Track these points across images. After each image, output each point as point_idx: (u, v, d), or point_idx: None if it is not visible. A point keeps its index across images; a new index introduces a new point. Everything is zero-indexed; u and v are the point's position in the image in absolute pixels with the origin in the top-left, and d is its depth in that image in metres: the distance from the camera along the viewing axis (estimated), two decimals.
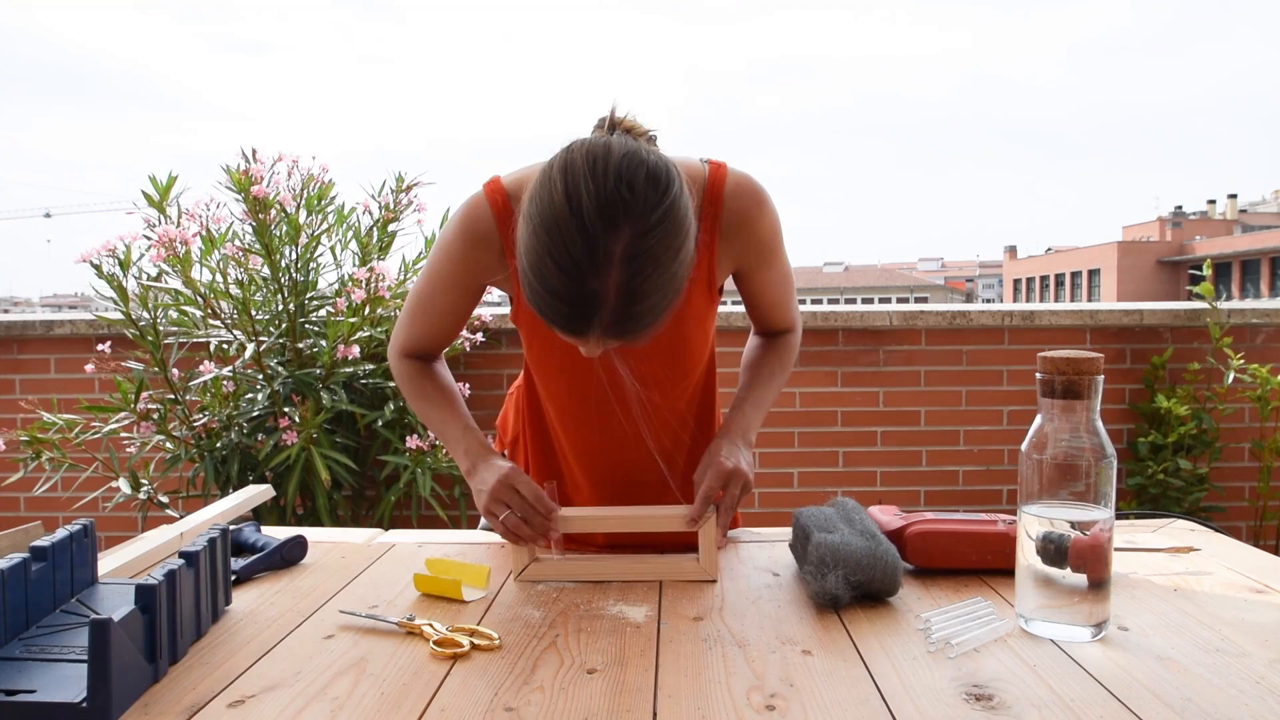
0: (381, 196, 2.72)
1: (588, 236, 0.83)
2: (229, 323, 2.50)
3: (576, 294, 0.85)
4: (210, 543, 0.90)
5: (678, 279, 0.88)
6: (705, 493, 1.03)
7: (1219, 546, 1.13)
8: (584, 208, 0.83)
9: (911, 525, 1.03)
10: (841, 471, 2.98)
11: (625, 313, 0.86)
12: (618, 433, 1.17)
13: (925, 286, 50.12)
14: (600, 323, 0.86)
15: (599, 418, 1.16)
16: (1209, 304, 2.89)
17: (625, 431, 1.16)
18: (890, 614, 0.91)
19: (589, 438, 1.20)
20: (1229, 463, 2.96)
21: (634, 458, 1.19)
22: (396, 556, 1.15)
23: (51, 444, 2.46)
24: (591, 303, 0.85)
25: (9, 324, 2.95)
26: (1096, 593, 0.83)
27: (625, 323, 0.87)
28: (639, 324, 0.88)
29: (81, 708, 0.68)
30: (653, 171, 0.86)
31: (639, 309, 0.86)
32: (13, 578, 0.80)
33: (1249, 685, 0.74)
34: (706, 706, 0.72)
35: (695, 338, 1.15)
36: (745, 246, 1.10)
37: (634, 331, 0.88)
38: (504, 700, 0.73)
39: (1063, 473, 0.83)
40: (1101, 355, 0.83)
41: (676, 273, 0.88)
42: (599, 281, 0.84)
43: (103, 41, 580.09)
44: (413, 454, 2.51)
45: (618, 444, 1.18)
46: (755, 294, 1.19)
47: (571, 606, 0.95)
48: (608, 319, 0.86)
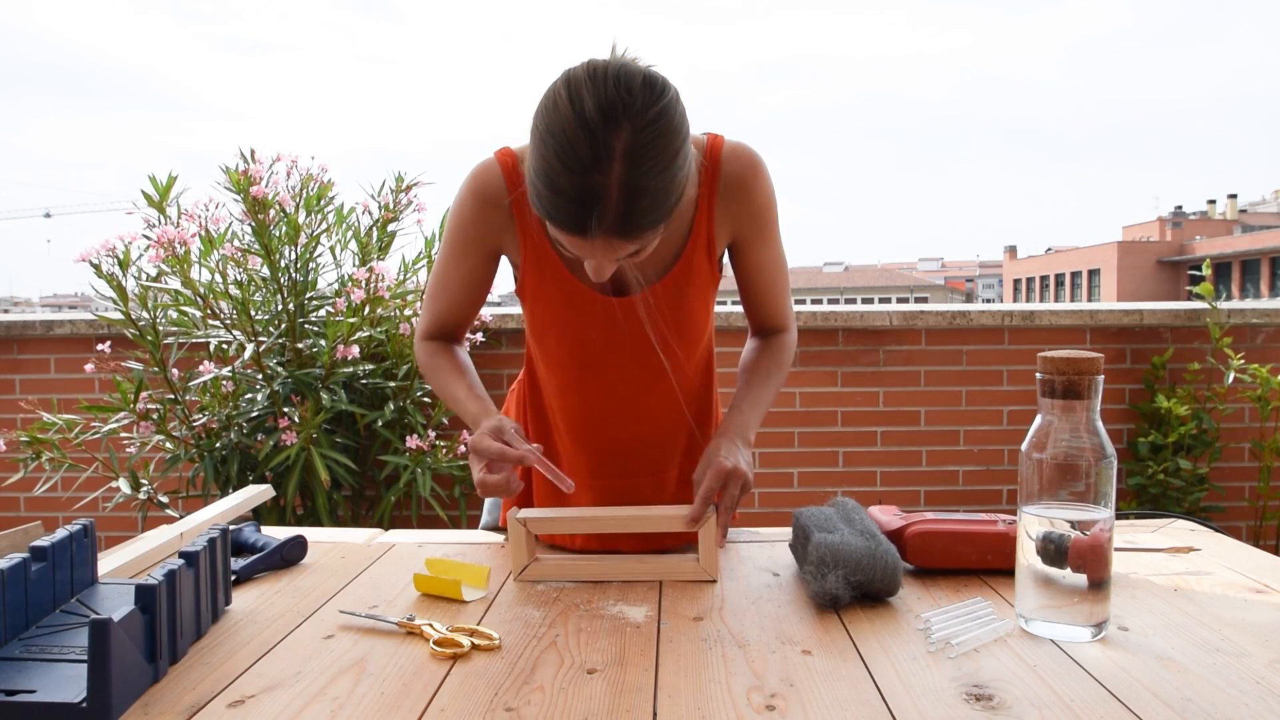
0: (381, 196, 2.72)
1: (590, 134, 0.88)
2: (228, 323, 2.50)
3: (581, 188, 0.89)
4: (210, 543, 0.90)
5: (676, 182, 0.93)
6: (705, 493, 1.03)
7: (1219, 546, 1.13)
8: (586, 109, 0.88)
9: (911, 525, 1.02)
10: (841, 471, 2.98)
11: (627, 207, 0.90)
12: (617, 402, 1.19)
13: (925, 286, 50.14)
14: (604, 219, 0.90)
15: (599, 386, 1.19)
16: (1209, 304, 2.89)
17: (624, 400, 1.19)
18: (890, 614, 0.91)
19: (588, 408, 1.21)
20: (1229, 463, 2.96)
21: (632, 431, 1.21)
22: (396, 556, 1.15)
23: (51, 444, 2.46)
24: (595, 196, 0.89)
25: (9, 324, 2.95)
26: (1096, 593, 0.83)
27: (628, 218, 0.90)
28: (640, 221, 0.91)
29: (81, 708, 0.68)
30: (649, 77, 0.91)
31: (640, 205, 0.90)
32: (13, 578, 0.80)
33: (1249, 685, 0.74)
34: (706, 706, 0.72)
35: (696, 306, 1.17)
36: (741, 212, 1.14)
37: (635, 229, 0.92)
38: (504, 700, 0.73)
39: (1063, 473, 0.83)
40: (1101, 355, 0.83)
41: (675, 176, 0.92)
42: (602, 176, 0.88)
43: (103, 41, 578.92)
44: (413, 454, 2.52)
45: (617, 415, 1.20)
46: (751, 274, 1.21)
47: (571, 606, 0.95)
48: (611, 215, 0.90)
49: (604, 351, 1.16)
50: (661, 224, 0.94)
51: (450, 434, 2.67)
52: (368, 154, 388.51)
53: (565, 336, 1.17)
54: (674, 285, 1.12)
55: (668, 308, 1.13)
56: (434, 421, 2.65)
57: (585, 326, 1.14)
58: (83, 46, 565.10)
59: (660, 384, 1.19)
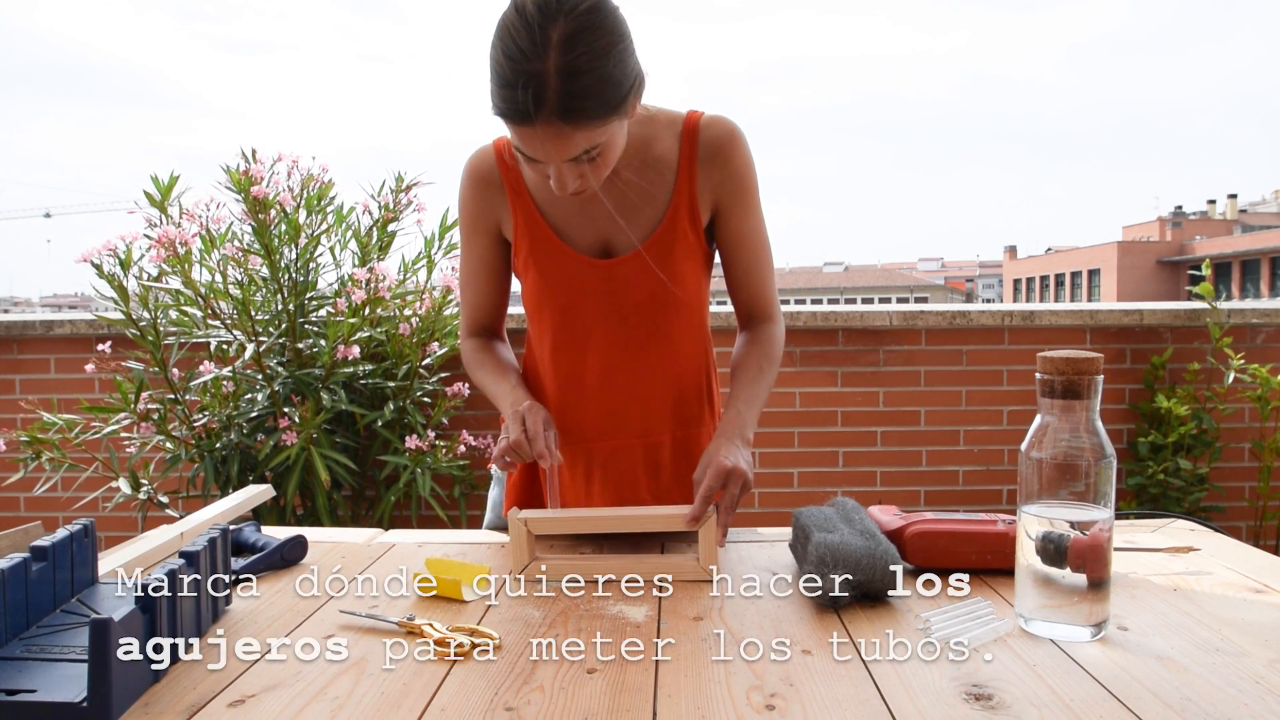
0: (381, 196, 2.72)
1: (529, 28, 0.96)
2: (229, 323, 2.50)
3: (521, 75, 0.96)
4: (210, 543, 0.90)
5: (616, 73, 1.00)
6: (705, 492, 1.04)
7: (1219, 546, 1.13)
8: (526, 8, 0.97)
9: (911, 525, 1.03)
10: (841, 471, 2.98)
11: (567, 89, 0.96)
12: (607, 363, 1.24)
13: (925, 286, 50.12)
14: (545, 103, 0.97)
15: (589, 345, 1.24)
16: (1209, 304, 2.89)
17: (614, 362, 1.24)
18: (890, 614, 0.91)
19: (581, 368, 1.25)
20: (1229, 463, 2.96)
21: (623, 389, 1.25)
22: (396, 556, 1.15)
23: (51, 444, 2.46)
24: (535, 81, 0.96)
25: (9, 324, 2.95)
26: (1096, 593, 0.83)
27: (568, 100, 0.97)
28: (581, 105, 0.98)
29: (82, 707, 0.68)
30: None
31: (578, 86, 0.97)
32: (13, 577, 0.80)
33: (1249, 685, 0.74)
34: (706, 706, 0.72)
35: (683, 269, 1.21)
36: (722, 177, 1.20)
37: (577, 113, 0.98)
38: (504, 700, 0.73)
39: (1062, 473, 0.83)
40: (1101, 355, 0.84)
41: (614, 66, 0.99)
42: (541, 63, 0.96)
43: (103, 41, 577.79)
44: (413, 454, 2.52)
45: (607, 375, 1.25)
46: (733, 246, 1.24)
47: (571, 606, 0.95)
48: (551, 98, 0.96)
49: (594, 313, 1.22)
50: (608, 118, 1.00)
51: (450, 434, 2.67)
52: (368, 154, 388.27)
53: (558, 300, 1.23)
54: (659, 247, 1.19)
55: (655, 267, 1.19)
56: (434, 421, 2.65)
57: (575, 290, 1.21)
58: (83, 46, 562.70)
59: (649, 345, 1.24)
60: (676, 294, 1.21)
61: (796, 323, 2.90)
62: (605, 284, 1.20)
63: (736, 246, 1.24)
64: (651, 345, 1.24)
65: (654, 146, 1.18)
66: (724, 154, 1.19)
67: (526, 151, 1.03)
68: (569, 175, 1.04)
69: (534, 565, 1.05)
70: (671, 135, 1.19)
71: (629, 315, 1.21)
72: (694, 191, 1.19)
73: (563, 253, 1.20)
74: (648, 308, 1.21)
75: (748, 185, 1.21)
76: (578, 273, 1.20)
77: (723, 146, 1.19)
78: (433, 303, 2.63)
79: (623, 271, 1.19)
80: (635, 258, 1.19)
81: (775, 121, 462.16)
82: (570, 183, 1.04)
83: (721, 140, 1.19)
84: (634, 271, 1.19)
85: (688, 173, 1.18)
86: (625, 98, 1.02)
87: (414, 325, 2.59)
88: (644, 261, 1.18)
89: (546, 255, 1.20)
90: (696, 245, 1.22)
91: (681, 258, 1.20)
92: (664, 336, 1.24)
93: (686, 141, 1.18)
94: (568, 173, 1.03)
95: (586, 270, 1.20)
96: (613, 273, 1.19)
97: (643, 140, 1.18)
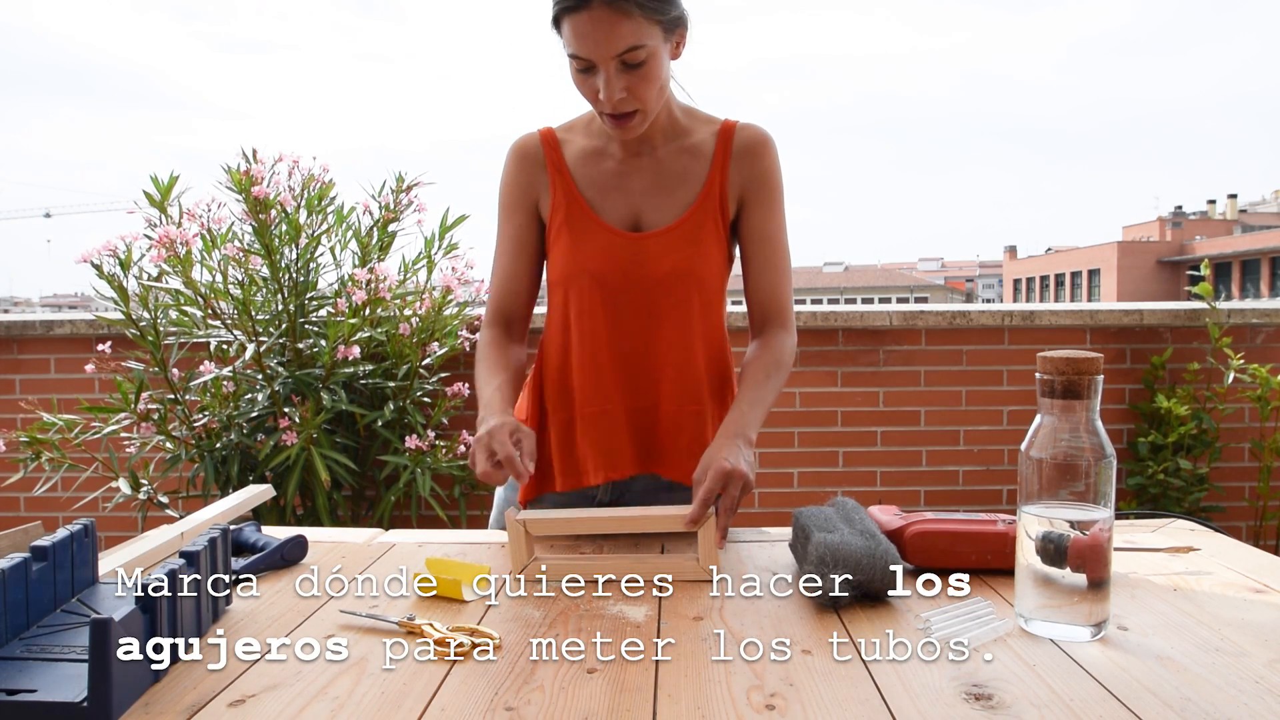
0: (381, 196, 2.72)
1: None
2: (229, 323, 2.50)
3: None
4: (210, 543, 0.90)
5: None
6: (705, 493, 1.04)
7: (1219, 546, 1.13)
8: None
9: (911, 525, 1.03)
10: (841, 471, 2.98)
11: None
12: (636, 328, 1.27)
13: (925, 286, 50.11)
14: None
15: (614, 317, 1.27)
16: (1209, 304, 2.89)
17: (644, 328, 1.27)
18: (890, 614, 0.91)
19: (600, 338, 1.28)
20: (1229, 463, 2.96)
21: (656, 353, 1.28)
22: (396, 556, 1.15)
23: (51, 444, 2.46)
24: None
25: (9, 324, 2.95)
26: (1096, 592, 0.83)
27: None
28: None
29: (82, 707, 0.68)
30: None
31: None
32: (13, 577, 0.80)
33: (1249, 685, 0.74)
34: (706, 706, 0.72)
35: (709, 252, 1.27)
36: (752, 173, 1.27)
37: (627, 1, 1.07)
38: (504, 700, 0.73)
39: (1062, 472, 0.83)
40: (1101, 355, 0.84)
41: None
42: None
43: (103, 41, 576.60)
44: (413, 454, 2.52)
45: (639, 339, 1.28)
46: (752, 241, 1.29)
47: (571, 606, 0.95)
48: None
49: (619, 281, 1.26)
50: (652, 18, 1.10)
51: (450, 434, 2.67)
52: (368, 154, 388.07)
53: (588, 268, 1.27)
54: (688, 228, 1.26)
55: (681, 245, 1.25)
56: (434, 421, 2.65)
57: (602, 258, 1.26)
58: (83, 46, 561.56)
59: (670, 317, 1.27)
60: (699, 271, 1.26)
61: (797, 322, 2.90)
62: (632, 255, 1.26)
63: (757, 242, 1.29)
64: (671, 317, 1.27)
65: (692, 135, 1.28)
66: (755, 152, 1.27)
67: (578, 50, 1.11)
68: (615, 83, 1.12)
69: (534, 565, 1.05)
70: (709, 132, 1.28)
71: (652, 287, 1.26)
72: (724, 182, 1.27)
73: (594, 222, 1.26)
74: (670, 282, 1.26)
75: (773, 185, 1.29)
76: (608, 243, 1.26)
77: (754, 146, 1.27)
78: (433, 303, 2.63)
79: (650, 245, 1.25)
80: (663, 234, 1.25)
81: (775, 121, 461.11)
82: (616, 91, 1.12)
83: (755, 140, 1.28)
84: (661, 246, 1.25)
85: (721, 164, 1.27)
86: (670, 12, 1.12)
87: (414, 325, 2.59)
88: (671, 238, 1.25)
89: (579, 223, 1.27)
90: (721, 234, 1.28)
91: (706, 241, 1.26)
92: (684, 310, 1.28)
93: (723, 139, 1.28)
94: (615, 80, 1.12)
95: (615, 240, 1.26)
96: (640, 245, 1.26)
97: (683, 129, 1.28)
